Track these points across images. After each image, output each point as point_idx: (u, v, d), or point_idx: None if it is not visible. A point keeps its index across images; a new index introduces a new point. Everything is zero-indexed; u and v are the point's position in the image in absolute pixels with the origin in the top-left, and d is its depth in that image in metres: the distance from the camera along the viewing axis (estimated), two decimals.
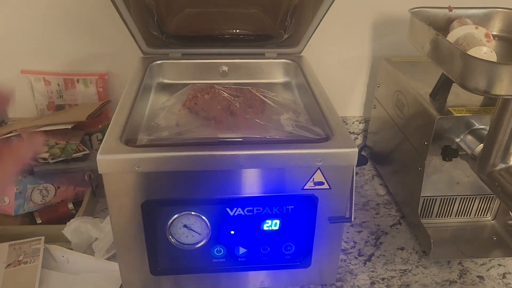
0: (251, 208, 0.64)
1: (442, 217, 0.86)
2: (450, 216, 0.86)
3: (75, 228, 0.76)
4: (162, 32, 0.81)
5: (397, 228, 0.87)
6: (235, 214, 0.64)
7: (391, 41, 1.03)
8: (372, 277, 0.76)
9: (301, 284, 0.73)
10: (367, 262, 0.79)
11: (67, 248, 0.76)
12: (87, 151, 0.89)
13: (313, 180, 0.62)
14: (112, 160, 0.56)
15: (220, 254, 0.67)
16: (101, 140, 0.97)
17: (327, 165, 0.60)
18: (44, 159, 0.83)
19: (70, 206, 0.85)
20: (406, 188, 0.87)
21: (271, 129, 0.66)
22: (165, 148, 0.58)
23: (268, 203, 0.64)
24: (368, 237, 0.85)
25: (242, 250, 0.67)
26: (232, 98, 0.75)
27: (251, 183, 0.62)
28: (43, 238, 0.76)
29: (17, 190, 0.80)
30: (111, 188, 0.59)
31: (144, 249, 0.65)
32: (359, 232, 0.86)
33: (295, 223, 0.66)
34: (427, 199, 0.83)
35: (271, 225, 0.66)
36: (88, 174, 0.86)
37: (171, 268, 0.68)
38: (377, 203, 0.94)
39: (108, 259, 0.75)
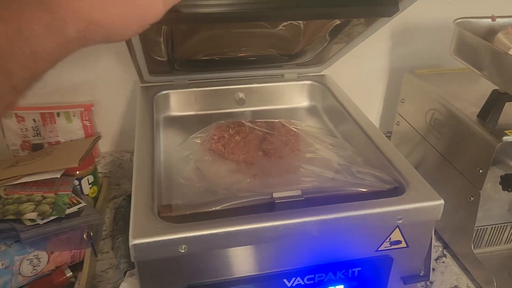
0: (313, 276, 0.53)
1: (492, 245, 0.78)
2: (499, 244, 0.78)
3: None
4: (173, 58, 0.67)
5: (443, 262, 0.79)
6: (293, 285, 0.53)
7: (410, 51, 0.95)
8: None
9: None
10: None
11: None
12: (83, 203, 0.74)
13: (389, 240, 0.51)
14: (152, 245, 0.43)
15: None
16: (92, 184, 0.82)
17: (407, 223, 0.50)
18: (31, 220, 0.68)
19: (68, 273, 0.70)
20: (451, 217, 0.79)
21: (327, 177, 0.55)
22: (216, 223, 0.45)
23: (333, 269, 0.53)
24: None
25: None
26: (266, 135, 0.63)
27: (315, 251, 0.50)
28: None
29: (1, 265, 0.64)
30: (147, 275, 0.46)
31: None
32: None
33: (361, 284, 0.55)
34: (478, 229, 0.75)
35: None
36: (87, 232, 0.71)
37: None
38: None
39: None
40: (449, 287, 0.74)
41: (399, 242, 0.52)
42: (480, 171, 0.69)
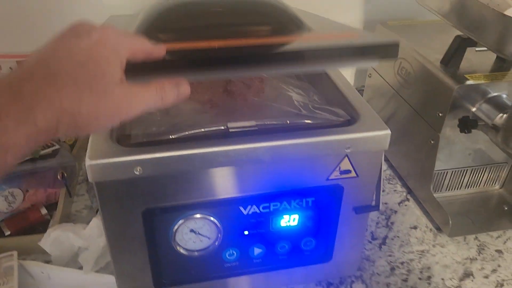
0: (267, 204, 0.56)
1: (452, 190, 0.82)
2: (459, 189, 0.82)
3: (55, 238, 0.65)
4: None
5: (405, 205, 0.82)
6: (249, 212, 0.56)
7: (383, 3, 0.95)
8: (391, 261, 0.71)
9: (320, 280, 0.67)
10: (383, 246, 0.73)
11: (46, 263, 0.65)
12: (57, 146, 0.76)
13: (339, 169, 0.54)
14: (107, 166, 0.46)
15: (233, 257, 0.59)
16: None
17: (356, 152, 0.53)
18: None
19: (43, 211, 0.73)
20: (414, 163, 0.82)
21: (285, 112, 0.57)
22: (170, 147, 0.47)
23: (287, 198, 0.56)
24: (378, 217, 0.79)
25: (257, 251, 0.59)
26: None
27: (269, 178, 0.53)
28: (15, 253, 0.65)
29: None
30: (106, 197, 0.49)
31: (145, 260, 0.56)
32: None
33: (316, 216, 0.58)
34: (438, 173, 0.78)
35: (290, 220, 0.58)
36: (61, 172, 0.74)
37: (177, 278, 0.59)
38: None
39: (98, 271, 0.65)
40: (408, 226, 0.77)
41: (348, 171, 0.54)
42: (440, 114, 0.71)
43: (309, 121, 0.55)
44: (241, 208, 0.55)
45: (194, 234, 0.56)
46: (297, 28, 0.58)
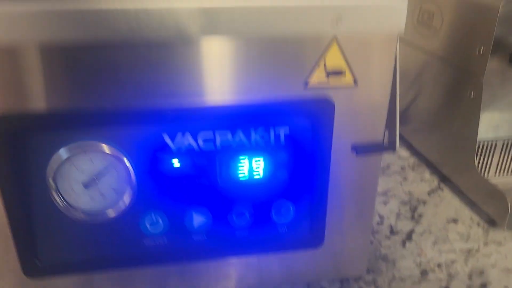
0: (210, 132, 0.34)
1: (504, 171, 0.58)
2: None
3: None
4: None
5: (438, 195, 0.58)
6: (181, 146, 0.34)
7: None
8: (421, 263, 0.46)
9: (306, 281, 0.43)
10: (408, 243, 0.49)
11: None
12: None
13: (324, 66, 0.33)
14: None
15: (157, 229, 0.36)
16: None
17: (351, 34, 0.32)
18: None
19: None
20: (449, 140, 0.59)
21: None
22: None
23: (241, 123, 0.34)
24: (399, 208, 0.55)
25: (197, 220, 0.37)
26: None
27: (208, 76, 0.32)
28: None
29: None
30: None
31: (6, 231, 0.34)
32: (385, 203, 0.56)
33: (292, 160, 0.36)
34: (483, 144, 0.55)
35: (250, 167, 0.36)
36: None
37: (63, 261, 0.36)
38: (401, 166, 0.65)
39: None
40: (445, 219, 0.53)
41: (339, 72, 0.33)
42: (482, 49, 0.50)
43: None
44: (166, 138, 0.34)
45: (89, 182, 0.34)
46: None
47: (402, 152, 0.69)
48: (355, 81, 0.33)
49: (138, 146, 0.34)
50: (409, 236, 0.50)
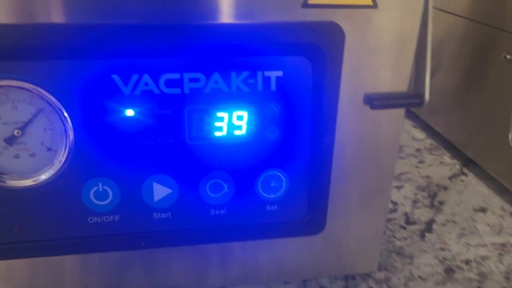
0: (177, 74, 0.25)
1: None
2: None
3: None
4: None
5: (462, 181, 0.49)
6: (137, 91, 0.25)
7: None
8: (445, 258, 0.37)
9: (302, 275, 0.34)
10: (427, 234, 0.40)
11: None
12: None
13: None
14: None
15: (104, 203, 0.27)
16: None
17: None
18: None
19: None
20: (474, 114, 0.50)
21: None
22: None
23: (219, 62, 0.25)
24: (415, 194, 0.46)
25: (159, 192, 0.28)
26: None
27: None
28: None
29: None
30: None
31: None
32: (398, 188, 0.47)
33: (287, 116, 0.27)
34: None
35: (230, 123, 0.27)
36: None
37: None
38: (416, 148, 0.56)
39: None
40: (471, 208, 0.44)
41: None
42: None
43: None
44: (116, 79, 0.25)
45: (12, 137, 0.25)
46: None
47: (417, 133, 0.60)
48: (374, 0, 0.24)
49: (78, 88, 0.25)
50: (428, 226, 0.41)
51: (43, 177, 0.26)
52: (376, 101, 0.26)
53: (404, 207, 0.44)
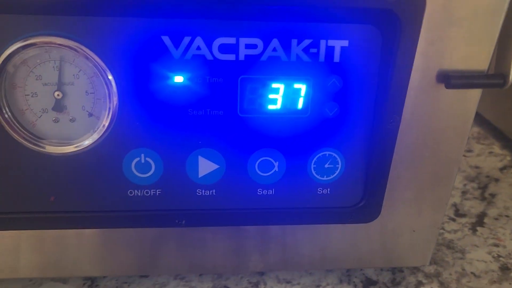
0: (233, 38, 0.22)
1: None
2: None
3: None
4: None
5: None
6: (188, 55, 0.23)
7: None
8: (499, 255, 0.34)
9: (347, 264, 0.31)
10: (479, 228, 0.37)
11: None
12: None
13: None
14: None
15: (147, 172, 0.25)
16: None
17: None
18: None
19: None
20: None
21: None
22: None
23: (279, 28, 0.23)
24: (464, 185, 0.43)
25: (204, 167, 0.26)
26: None
27: None
28: None
29: None
30: None
31: None
32: None
33: (349, 92, 0.24)
34: None
35: (286, 96, 0.24)
36: None
37: (13, 210, 0.26)
38: None
39: None
40: None
41: None
42: None
43: None
44: (167, 40, 0.22)
45: (54, 97, 0.23)
46: None
47: None
48: None
49: (124, 49, 0.23)
50: (480, 220, 0.38)
51: (84, 143, 0.24)
52: (454, 79, 0.23)
53: (453, 197, 0.41)
